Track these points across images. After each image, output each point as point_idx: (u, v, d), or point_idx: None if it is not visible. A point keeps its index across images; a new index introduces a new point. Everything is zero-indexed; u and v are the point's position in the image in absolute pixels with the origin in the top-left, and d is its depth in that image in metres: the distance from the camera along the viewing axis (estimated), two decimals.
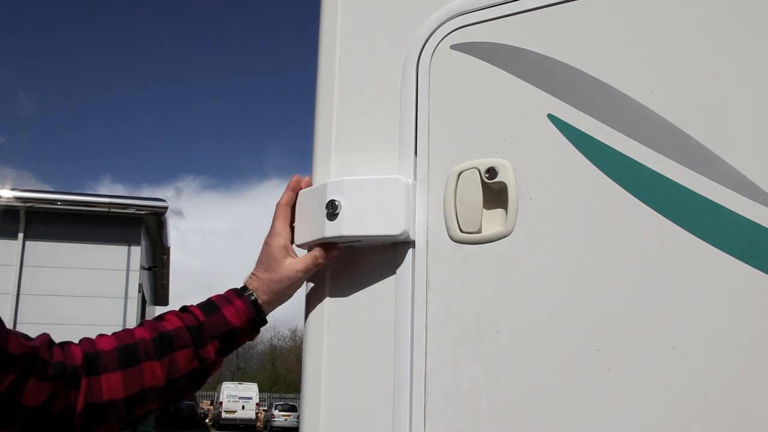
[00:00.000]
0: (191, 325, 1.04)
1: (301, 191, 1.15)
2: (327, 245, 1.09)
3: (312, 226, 1.10)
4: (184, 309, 1.09)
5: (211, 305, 1.08)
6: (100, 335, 1.03)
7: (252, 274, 1.13)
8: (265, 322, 1.12)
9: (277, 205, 1.14)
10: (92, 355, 0.98)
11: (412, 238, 1.03)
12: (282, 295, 1.11)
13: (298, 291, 1.14)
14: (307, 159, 1.17)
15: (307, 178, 1.16)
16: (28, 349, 0.90)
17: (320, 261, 1.09)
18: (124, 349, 1.00)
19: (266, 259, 1.11)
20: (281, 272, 1.09)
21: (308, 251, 1.11)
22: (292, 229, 1.15)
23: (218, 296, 1.11)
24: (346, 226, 1.05)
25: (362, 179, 1.07)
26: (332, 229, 1.06)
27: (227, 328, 1.07)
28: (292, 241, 1.13)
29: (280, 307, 1.14)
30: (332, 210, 1.06)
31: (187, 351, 1.03)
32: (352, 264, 1.09)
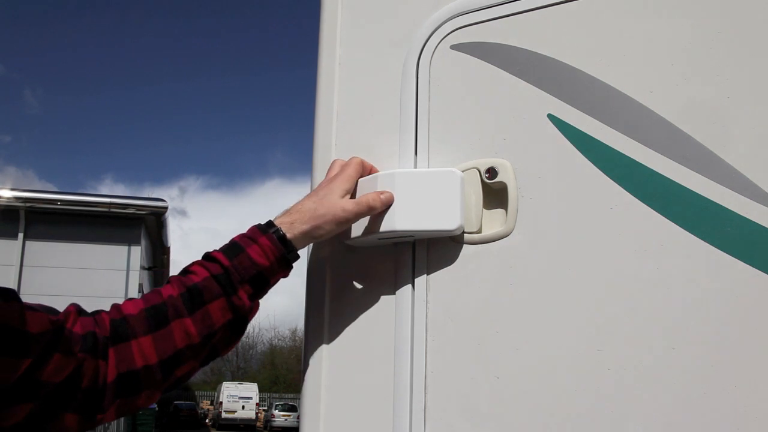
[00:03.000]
0: (218, 273, 0.97)
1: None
2: (384, 193, 1.03)
3: (362, 219, 1.05)
4: (208, 256, 1.01)
5: (234, 247, 1.00)
6: (129, 299, 0.98)
7: (296, 204, 1.05)
8: (297, 257, 1.04)
9: (354, 161, 1.07)
10: (118, 321, 0.93)
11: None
12: (318, 229, 1.02)
13: (299, 290, 1.11)
14: (310, 158, 1.17)
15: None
16: (49, 325, 0.86)
17: (374, 208, 1.02)
18: (152, 311, 0.94)
19: (323, 191, 1.03)
20: (331, 205, 1.02)
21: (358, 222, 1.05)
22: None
23: (241, 235, 1.03)
24: (399, 221, 1.02)
25: (415, 171, 1.05)
26: (384, 224, 1.03)
27: (256, 270, 0.99)
28: (353, 196, 1.06)
29: (280, 306, 1.10)
30: None
31: (219, 301, 0.96)
32: (352, 264, 1.09)
